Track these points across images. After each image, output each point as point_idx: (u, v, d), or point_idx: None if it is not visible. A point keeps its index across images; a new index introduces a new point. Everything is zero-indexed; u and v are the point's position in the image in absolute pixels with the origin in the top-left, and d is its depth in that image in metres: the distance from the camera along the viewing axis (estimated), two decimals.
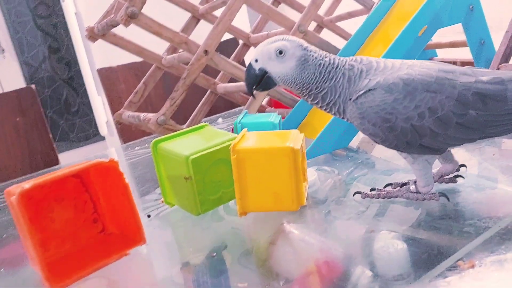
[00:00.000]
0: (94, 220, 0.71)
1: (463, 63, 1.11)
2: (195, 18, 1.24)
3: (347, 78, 0.60)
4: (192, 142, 0.72)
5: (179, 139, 0.74)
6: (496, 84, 0.55)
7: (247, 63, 1.93)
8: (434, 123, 0.56)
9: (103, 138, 3.07)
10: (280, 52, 0.59)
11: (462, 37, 1.04)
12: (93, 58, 2.76)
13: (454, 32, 1.04)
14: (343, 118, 0.62)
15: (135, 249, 0.65)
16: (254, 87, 0.64)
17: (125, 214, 0.65)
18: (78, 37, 2.76)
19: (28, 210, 0.62)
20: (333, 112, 0.62)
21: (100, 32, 1.02)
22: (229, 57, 1.38)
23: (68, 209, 0.68)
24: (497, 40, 0.92)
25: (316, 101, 0.62)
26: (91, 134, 3.37)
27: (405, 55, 0.96)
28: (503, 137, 0.60)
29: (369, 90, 0.57)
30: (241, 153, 0.64)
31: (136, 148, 1.38)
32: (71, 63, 3.24)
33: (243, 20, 1.09)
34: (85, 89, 3.07)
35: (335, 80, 0.60)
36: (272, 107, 1.29)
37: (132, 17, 0.87)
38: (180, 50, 1.07)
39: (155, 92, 1.61)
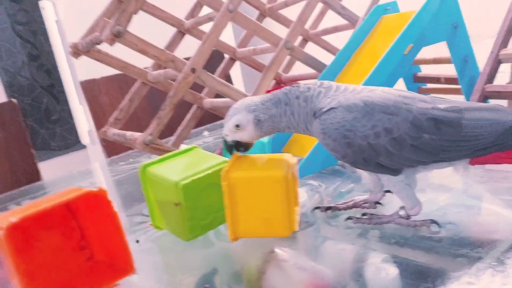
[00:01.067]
0: (82, 248, 0.69)
1: (447, 79, 1.13)
2: (181, 33, 1.23)
3: (303, 98, 0.65)
4: (181, 166, 0.71)
5: (168, 162, 0.73)
6: (453, 112, 0.60)
7: (233, 77, 1.93)
8: (390, 143, 0.59)
9: (84, 146, 3.02)
10: (237, 126, 0.66)
11: (445, 53, 1.05)
12: (74, 66, 2.72)
13: (438, 48, 1.05)
14: (311, 135, 0.66)
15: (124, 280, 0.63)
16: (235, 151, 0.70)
17: (114, 242, 0.64)
18: (59, 45, 2.71)
19: (14, 241, 0.60)
20: (301, 132, 0.67)
21: (85, 49, 1.00)
22: (214, 70, 1.37)
23: (56, 237, 0.67)
24: (484, 49, 0.94)
25: (283, 131, 0.68)
26: (72, 142, 3.31)
27: (392, 73, 0.97)
28: (455, 162, 0.63)
29: (331, 108, 0.62)
30: (232, 179, 0.64)
31: (120, 163, 1.36)
32: (51, 71, 3.18)
33: (228, 33, 1.08)
34: (66, 97, 3.02)
35: (290, 109, 0.65)
36: None
37: (118, 36, 0.85)
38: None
39: (140, 105, 1.59)
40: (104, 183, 1.19)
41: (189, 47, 0.98)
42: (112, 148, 1.55)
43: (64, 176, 1.33)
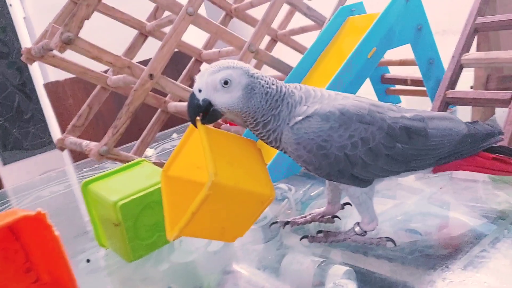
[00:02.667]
0: (27, 270, 0.66)
1: (413, 81, 1.12)
2: (143, 35, 1.19)
3: (286, 103, 0.58)
4: (123, 184, 0.68)
5: (111, 179, 0.69)
6: (418, 121, 0.59)
7: None
8: (366, 153, 0.57)
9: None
10: (226, 83, 0.55)
11: (412, 55, 1.04)
12: (44, 64, 2.65)
13: (406, 49, 1.03)
14: (277, 147, 0.60)
15: None
16: (197, 117, 0.58)
17: (58, 265, 0.61)
18: (27, 43, 2.64)
19: None
20: (269, 140, 0.59)
21: (38, 54, 0.95)
22: (180, 71, 1.34)
23: None
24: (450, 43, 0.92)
25: (257, 127, 0.59)
26: (46, 141, 3.23)
27: (356, 77, 0.95)
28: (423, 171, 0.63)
29: (307, 116, 0.57)
30: (219, 188, 0.52)
31: (85, 169, 1.32)
32: (23, 69, 3.09)
33: (195, 33, 1.05)
34: (37, 96, 2.95)
35: (279, 108, 0.58)
36: (227, 124, 1.26)
37: (68, 43, 0.82)
38: None
39: (106, 106, 1.55)
40: (63, 192, 1.15)
41: (155, 47, 0.94)
42: (78, 152, 1.51)
43: (25, 184, 1.29)
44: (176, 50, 1.06)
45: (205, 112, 0.57)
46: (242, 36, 1.08)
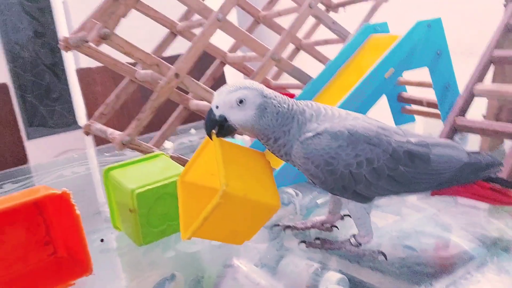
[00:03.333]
0: (46, 243, 0.72)
1: (429, 103, 1.15)
2: (173, 34, 1.25)
3: (297, 120, 0.63)
4: (141, 174, 0.74)
5: (131, 168, 0.76)
6: (423, 146, 0.63)
7: (224, 80, 1.94)
8: (370, 173, 0.61)
9: (81, 127, 3.06)
10: (241, 102, 0.60)
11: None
12: None
13: (426, 71, 1.06)
14: (287, 160, 0.65)
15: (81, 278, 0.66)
16: (213, 130, 0.64)
17: (75, 242, 0.67)
18: (63, 26, 2.73)
19: None
20: (280, 154, 0.64)
21: (74, 44, 1.02)
22: (204, 71, 1.39)
23: (20, 231, 0.70)
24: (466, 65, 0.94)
25: (269, 142, 0.64)
26: (70, 121, 3.34)
27: (371, 95, 0.98)
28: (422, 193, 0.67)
29: (317, 134, 0.61)
30: (230, 197, 0.57)
31: (106, 154, 1.39)
32: (55, 49, 3.20)
33: (222, 35, 1.10)
34: (66, 77, 3.05)
35: (289, 125, 0.62)
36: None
37: (104, 38, 0.88)
38: None
39: (132, 96, 1.61)
40: (83, 174, 1.22)
41: (183, 45, 0.99)
42: (101, 137, 1.58)
43: (49, 163, 1.36)
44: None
45: (220, 126, 0.62)
46: (267, 40, 1.13)
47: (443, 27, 1.01)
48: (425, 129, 1.31)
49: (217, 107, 0.62)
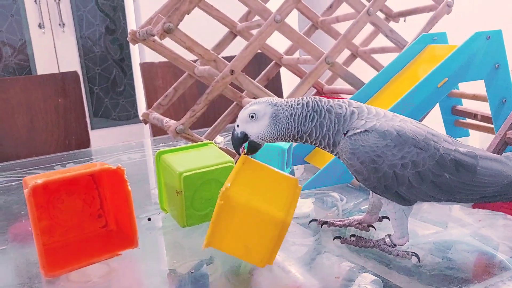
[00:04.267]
0: (99, 215, 0.79)
1: (483, 117, 1.12)
2: (232, 34, 1.30)
3: (335, 114, 0.65)
4: (190, 159, 0.79)
5: (181, 153, 0.81)
6: (470, 157, 0.63)
7: (278, 80, 1.97)
8: (414, 175, 0.62)
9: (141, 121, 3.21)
10: (252, 116, 0.65)
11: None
12: (143, 46, 2.89)
13: (482, 84, 1.04)
14: (332, 151, 0.67)
15: (127, 250, 0.71)
16: (240, 148, 0.68)
17: (125, 216, 0.73)
18: (132, 24, 2.89)
19: (40, 199, 0.71)
20: (322, 146, 0.66)
21: (141, 37, 1.09)
22: (260, 71, 1.44)
23: (77, 202, 0.76)
24: None
25: (303, 140, 0.67)
26: (132, 115, 3.52)
27: (422, 103, 0.98)
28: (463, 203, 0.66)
29: (365, 130, 0.63)
30: (230, 200, 0.61)
31: (161, 144, 1.47)
32: (124, 46, 3.39)
33: (280, 38, 1.13)
34: (132, 72, 3.22)
35: (318, 119, 0.65)
36: None
37: (168, 32, 0.94)
38: None
39: (189, 91, 1.69)
40: (138, 160, 1.30)
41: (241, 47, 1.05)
42: (158, 128, 1.67)
43: (109, 147, 1.46)
44: (259, 51, 1.16)
45: (249, 145, 0.68)
46: (326, 46, 1.15)
47: (503, 39, 0.99)
48: (479, 144, 1.27)
49: (237, 126, 0.68)
